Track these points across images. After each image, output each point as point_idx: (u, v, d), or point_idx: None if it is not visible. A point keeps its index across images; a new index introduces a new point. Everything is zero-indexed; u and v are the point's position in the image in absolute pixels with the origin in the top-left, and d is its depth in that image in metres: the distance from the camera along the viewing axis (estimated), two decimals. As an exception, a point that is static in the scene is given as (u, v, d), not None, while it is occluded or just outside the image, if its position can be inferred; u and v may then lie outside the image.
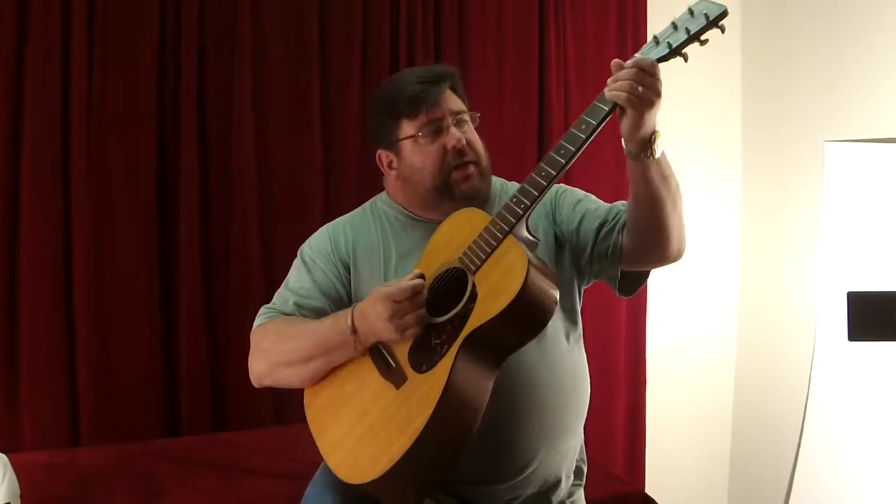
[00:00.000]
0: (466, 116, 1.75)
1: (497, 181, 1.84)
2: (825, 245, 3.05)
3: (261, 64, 2.84)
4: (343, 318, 1.62)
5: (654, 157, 1.52)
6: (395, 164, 1.77)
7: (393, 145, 1.75)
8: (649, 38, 1.53)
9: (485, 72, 3.09)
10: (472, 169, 1.71)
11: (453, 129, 1.71)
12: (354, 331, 1.59)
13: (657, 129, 1.51)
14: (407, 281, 1.56)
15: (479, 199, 1.74)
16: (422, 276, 1.58)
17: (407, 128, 1.72)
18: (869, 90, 2.94)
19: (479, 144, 1.75)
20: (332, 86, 2.92)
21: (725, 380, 3.59)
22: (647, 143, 1.50)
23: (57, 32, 2.60)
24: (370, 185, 1.84)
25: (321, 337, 1.65)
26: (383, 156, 1.78)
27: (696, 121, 3.36)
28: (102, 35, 2.66)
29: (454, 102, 1.74)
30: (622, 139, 1.52)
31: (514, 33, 3.13)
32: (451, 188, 1.71)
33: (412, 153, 1.72)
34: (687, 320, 3.51)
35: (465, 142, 1.70)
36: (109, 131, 2.69)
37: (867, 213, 2.97)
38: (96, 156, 2.68)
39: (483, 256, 1.55)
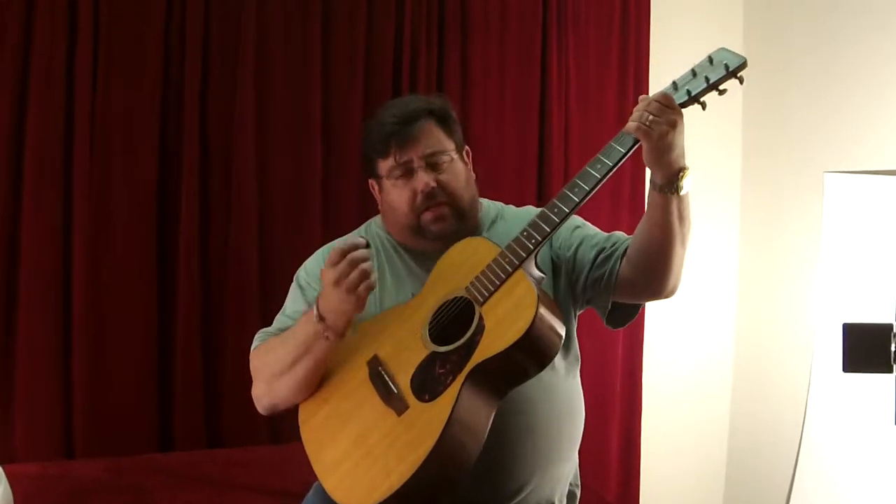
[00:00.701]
0: (443, 157, 1.71)
1: (494, 206, 1.85)
2: (822, 276, 3.06)
3: (264, 63, 2.84)
4: (311, 311, 1.61)
5: (678, 193, 1.52)
6: (379, 195, 1.80)
7: (377, 179, 1.78)
8: (667, 83, 1.54)
9: (486, 98, 3.10)
10: (444, 210, 1.70)
11: (421, 174, 1.68)
12: (321, 318, 1.58)
13: (687, 166, 1.51)
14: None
15: (453, 240, 1.69)
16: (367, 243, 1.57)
17: (381, 166, 1.73)
18: (869, 122, 2.96)
19: (454, 184, 1.71)
20: (333, 98, 2.92)
21: (721, 409, 3.58)
22: (675, 177, 1.51)
23: (63, 33, 2.60)
24: (370, 195, 1.85)
25: (298, 336, 1.64)
26: (373, 184, 1.81)
27: (696, 149, 3.35)
28: (107, 37, 2.66)
29: (430, 142, 1.70)
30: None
31: (517, 65, 3.13)
32: (423, 229, 1.71)
33: (388, 191, 1.74)
34: (684, 348, 3.51)
35: (433, 185, 1.68)
36: (111, 136, 2.68)
37: (865, 245, 2.98)
38: (98, 160, 2.67)
39: (491, 288, 1.54)
